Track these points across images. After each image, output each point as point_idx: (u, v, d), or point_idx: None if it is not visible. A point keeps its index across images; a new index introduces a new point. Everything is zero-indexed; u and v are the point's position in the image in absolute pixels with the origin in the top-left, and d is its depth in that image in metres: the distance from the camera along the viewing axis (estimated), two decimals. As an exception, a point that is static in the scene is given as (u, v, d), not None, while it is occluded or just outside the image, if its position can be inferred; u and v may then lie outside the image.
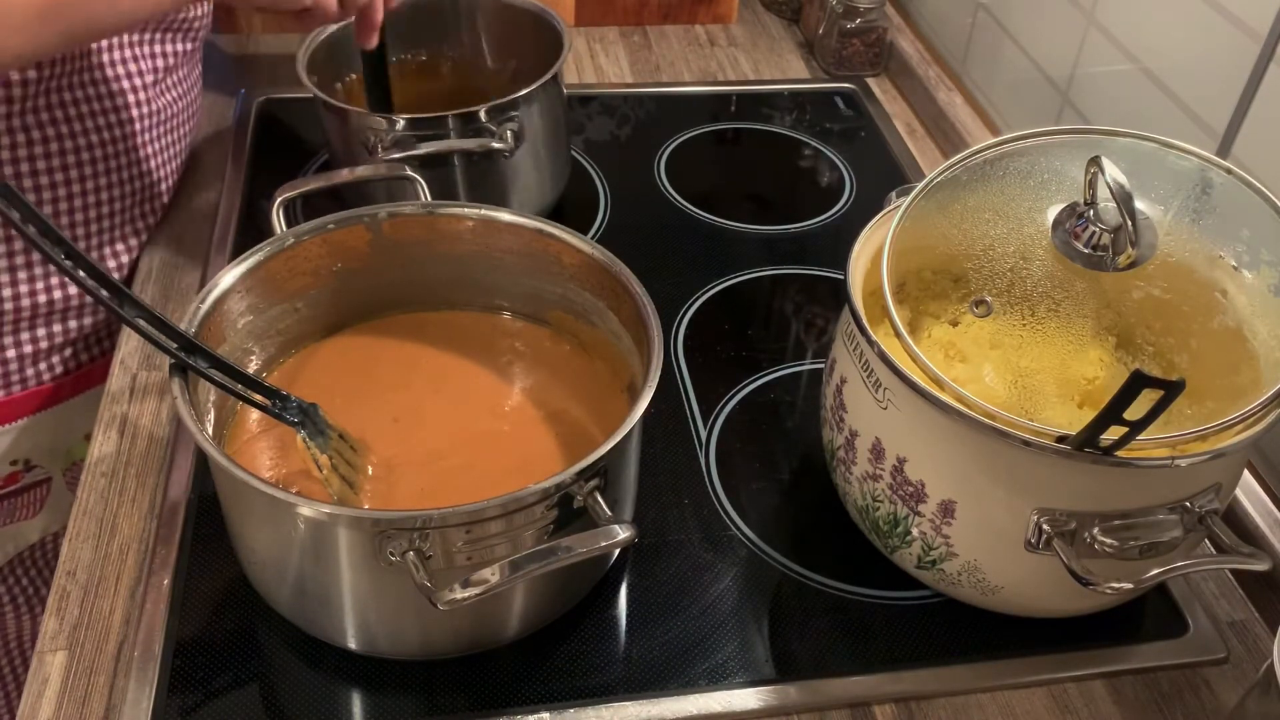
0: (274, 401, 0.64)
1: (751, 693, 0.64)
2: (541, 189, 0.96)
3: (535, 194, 0.95)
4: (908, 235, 0.65)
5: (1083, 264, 0.62)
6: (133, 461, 0.76)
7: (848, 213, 1.04)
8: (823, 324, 0.91)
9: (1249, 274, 0.62)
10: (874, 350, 0.61)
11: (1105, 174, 0.60)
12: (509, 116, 0.88)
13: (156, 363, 0.82)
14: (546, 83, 0.89)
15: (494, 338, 0.77)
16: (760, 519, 0.75)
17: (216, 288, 0.66)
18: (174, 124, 0.94)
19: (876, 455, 0.64)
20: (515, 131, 0.88)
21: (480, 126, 0.87)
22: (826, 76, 1.23)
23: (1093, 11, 0.93)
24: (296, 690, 0.63)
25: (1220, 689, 0.67)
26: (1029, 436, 0.56)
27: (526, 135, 0.89)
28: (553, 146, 0.94)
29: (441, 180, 0.87)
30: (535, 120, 0.90)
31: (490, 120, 0.87)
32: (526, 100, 0.88)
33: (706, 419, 0.82)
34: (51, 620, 0.66)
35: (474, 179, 0.90)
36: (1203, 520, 0.60)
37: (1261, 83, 0.75)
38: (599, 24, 1.30)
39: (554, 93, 0.92)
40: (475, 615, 0.62)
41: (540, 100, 0.89)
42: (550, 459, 0.69)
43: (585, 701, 0.63)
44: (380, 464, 0.68)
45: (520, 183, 0.92)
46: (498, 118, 0.87)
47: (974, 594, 0.65)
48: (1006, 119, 1.09)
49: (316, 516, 0.56)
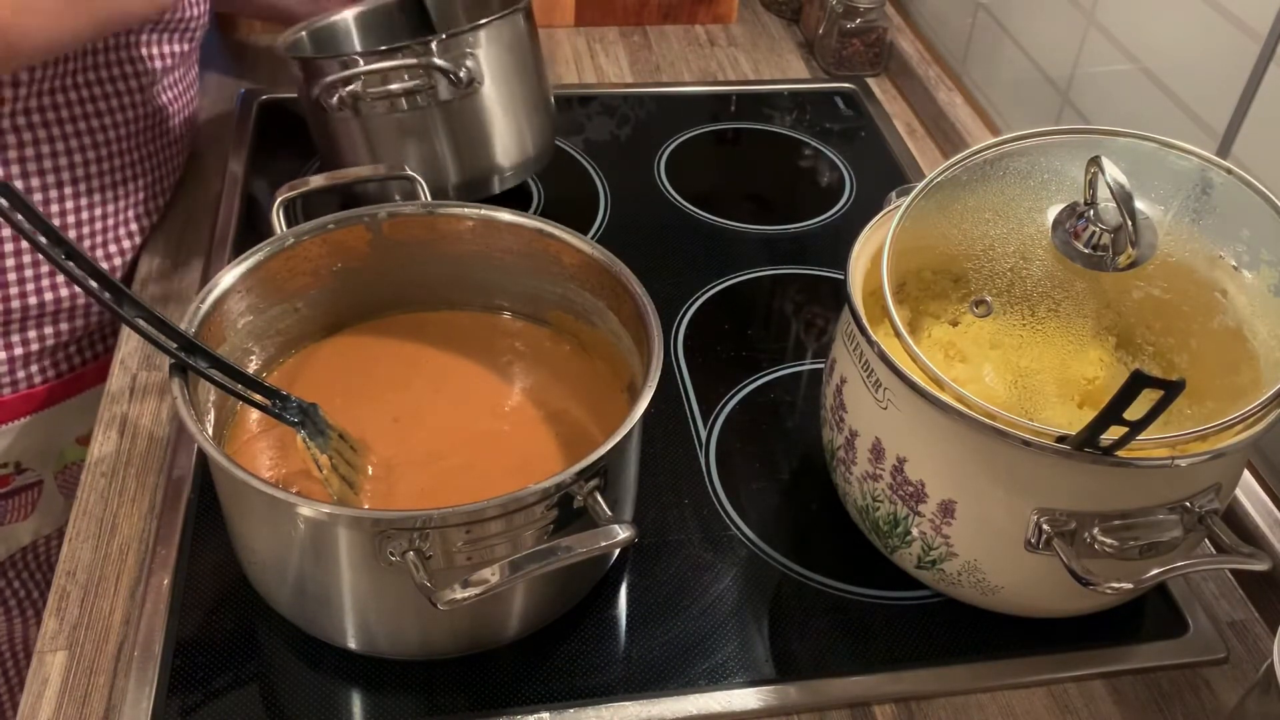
0: (274, 401, 0.64)
1: (751, 693, 0.64)
2: (520, 137, 0.94)
3: (514, 141, 0.93)
4: (908, 235, 0.65)
5: (1083, 264, 0.62)
6: (133, 461, 0.76)
7: (848, 213, 1.04)
8: (823, 324, 0.91)
9: (1249, 274, 0.62)
10: (874, 350, 0.61)
11: (1105, 174, 0.60)
12: (464, 54, 0.86)
13: (156, 363, 0.82)
14: (508, 16, 0.86)
15: (494, 338, 0.77)
16: (760, 519, 0.75)
17: (216, 288, 0.66)
18: (172, 124, 0.94)
19: (876, 455, 0.64)
20: (471, 68, 0.86)
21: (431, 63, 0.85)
22: (826, 76, 1.23)
23: (1093, 11, 0.93)
24: (296, 690, 0.63)
25: (1220, 689, 0.67)
26: (1029, 436, 0.56)
27: (487, 74, 0.87)
28: (524, 88, 0.92)
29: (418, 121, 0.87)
30: (494, 65, 0.88)
31: (444, 55, 0.85)
32: (483, 37, 0.86)
33: (706, 419, 0.82)
34: (51, 620, 0.66)
35: (450, 119, 0.89)
36: (1203, 520, 0.60)
37: (1261, 83, 0.75)
38: (599, 24, 1.30)
39: (517, 29, 0.89)
40: (475, 615, 0.62)
41: (498, 40, 0.87)
42: (550, 459, 0.69)
43: (585, 701, 0.63)
44: (380, 464, 0.68)
45: (474, 134, 0.91)
46: (452, 52, 0.85)
47: (974, 594, 0.65)
48: (1006, 119, 1.09)
49: (316, 516, 0.56)
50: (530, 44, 0.93)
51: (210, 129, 1.08)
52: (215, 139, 1.06)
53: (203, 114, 1.08)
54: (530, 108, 0.94)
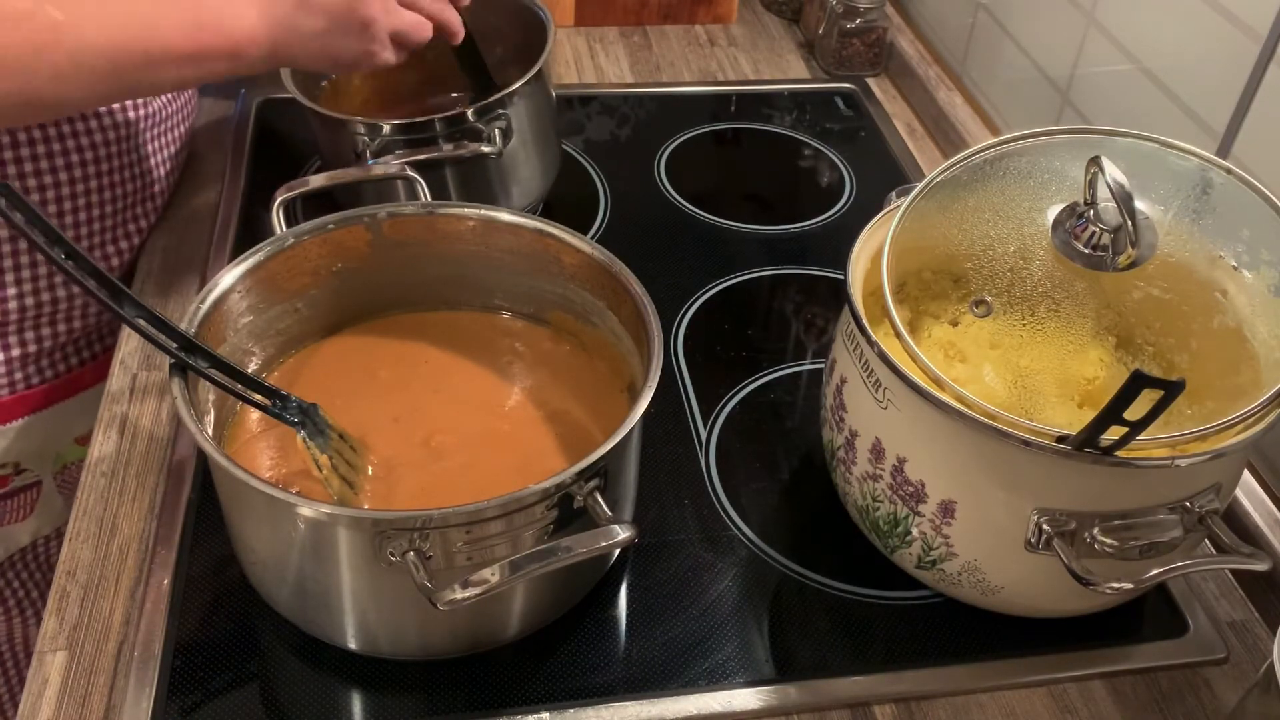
0: (274, 401, 0.64)
1: (751, 693, 0.64)
2: (533, 181, 0.95)
3: (527, 187, 0.94)
4: (908, 235, 0.65)
5: (1083, 264, 0.62)
6: (133, 461, 0.76)
7: (848, 213, 1.04)
8: (823, 324, 0.91)
9: (1249, 274, 0.62)
10: (874, 350, 0.61)
11: (1105, 174, 0.60)
12: (496, 115, 0.87)
13: (156, 363, 0.82)
14: (532, 77, 0.87)
15: (494, 338, 0.77)
16: (760, 519, 0.75)
17: (216, 288, 0.66)
18: (170, 124, 0.94)
19: (876, 455, 0.64)
20: (503, 129, 0.87)
21: (468, 128, 0.86)
22: (826, 76, 1.23)
23: (1093, 11, 0.93)
24: (296, 690, 0.63)
25: (1220, 689, 0.67)
26: (1029, 436, 0.56)
27: (515, 131, 0.88)
28: (542, 139, 0.93)
29: (431, 178, 0.86)
30: (523, 115, 0.89)
31: (478, 120, 0.86)
32: (513, 97, 0.87)
33: (706, 419, 0.82)
34: (51, 620, 0.66)
35: (465, 174, 0.89)
36: (1203, 520, 0.60)
37: (1261, 83, 0.75)
38: (599, 24, 1.30)
39: (540, 86, 0.90)
40: (475, 615, 0.62)
41: (527, 95, 0.88)
42: (550, 459, 0.69)
43: (585, 701, 0.63)
44: (380, 464, 0.68)
45: (511, 177, 0.92)
46: (485, 117, 0.86)
47: (974, 594, 0.65)
48: (1006, 119, 1.09)
49: (316, 516, 0.56)
50: (550, 97, 0.94)
51: (210, 129, 1.08)
52: (215, 139, 1.06)
53: (203, 114, 1.08)
54: (545, 154, 0.95)
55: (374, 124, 0.85)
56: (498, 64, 0.98)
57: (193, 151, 1.03)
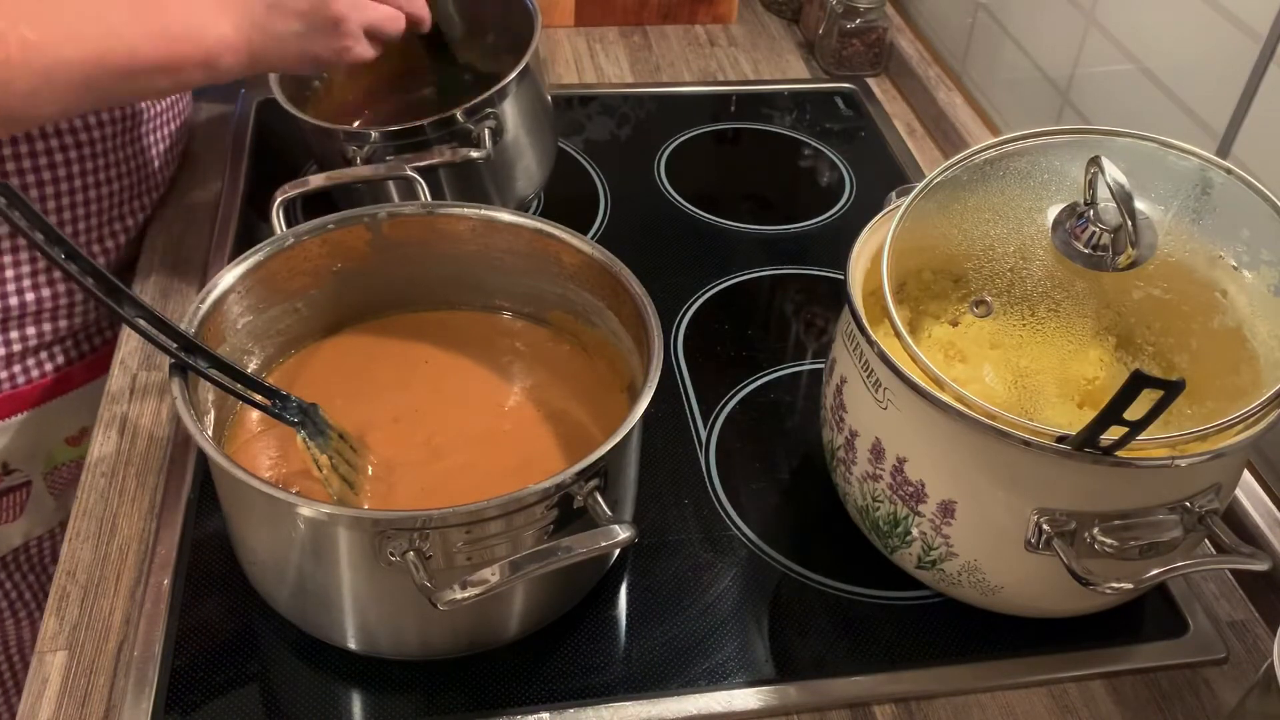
0: (274, 401, 0.64)
1: (751, 693, 0.64)
2: (528, 176, 0.94)
3: (522, 183, 0.94)
4: (908, 235, 0.65)
5: (1083, 264, 0.62)
6: (133, 461, 0.76)
7: (848, 213, 1.04)
8: (823, 324, 0.91)
9: (1249, 274, 0.62)
10: (874, 350, 0.61)
11: (1105, 174, 0.60)
12: (485, 114, 0.86)
13: (156, 363, 0.82)
14: (520, 72, 0.86)
15: (494, 338, 0.77)
16: (760, 519, 0.75)
17: (216, 288, 0.66)
18: (163, 119, 0.94)
19: (876, 455, 0.64)
20: (493, 128, 0.86)
21: (458, 129, 0.85)
22: (826, 76, 1.23)
23: (1093, 11, 0.93)
24: (296, 690, 0.63)
25: (1220, 689, 0.67)
26: (1029, 436, 0.56)
27: (507, 128, 0.87)
28: (536, 133, 0.92)
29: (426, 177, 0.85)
30: (513, 112, 0.88)
31: (467, 120, 0.85)
32: (501, 95, 0.86)
33: (706, 419, 0.82)
34: (51, 620, 0.66)
35: (459, 171, 0.88)
36: (1203, 520, 0.60)
37: (1261, 83, 0.75)
38: (599, 24, 1.30)
39: (529, 81, 0.89)
40: (475, 615, 0.62)
41: (515, 91, 0.87)
42: (550, 459, 0.69)
43: (585, 701, 0.63)
44: (380, 464, 0.68)
45: (505, 173, 0.91)
46: (474, 117, 0.85)
47: (974, 594, 0.65)
48: (1006, 119, 1.09)
49: (316, 516, 0.56)
50: (542, 89, 0.93)
51: (210, 129, 1.08)
52: (215, 139, 1.06)
53: (202, 115, 1.08)
54: (539, 147, 0.94)
55: (362, 132, 0.85)
56: (488, 56, 0.97)
57: (192, 152, 1.03)
